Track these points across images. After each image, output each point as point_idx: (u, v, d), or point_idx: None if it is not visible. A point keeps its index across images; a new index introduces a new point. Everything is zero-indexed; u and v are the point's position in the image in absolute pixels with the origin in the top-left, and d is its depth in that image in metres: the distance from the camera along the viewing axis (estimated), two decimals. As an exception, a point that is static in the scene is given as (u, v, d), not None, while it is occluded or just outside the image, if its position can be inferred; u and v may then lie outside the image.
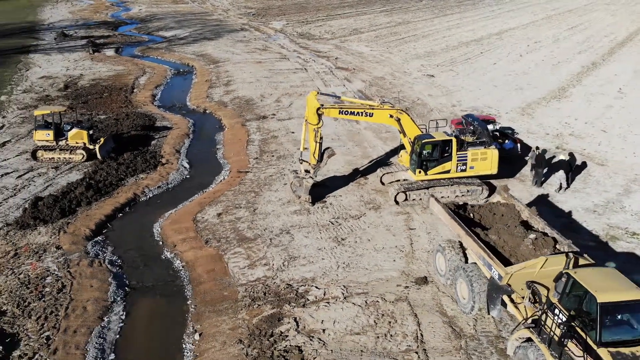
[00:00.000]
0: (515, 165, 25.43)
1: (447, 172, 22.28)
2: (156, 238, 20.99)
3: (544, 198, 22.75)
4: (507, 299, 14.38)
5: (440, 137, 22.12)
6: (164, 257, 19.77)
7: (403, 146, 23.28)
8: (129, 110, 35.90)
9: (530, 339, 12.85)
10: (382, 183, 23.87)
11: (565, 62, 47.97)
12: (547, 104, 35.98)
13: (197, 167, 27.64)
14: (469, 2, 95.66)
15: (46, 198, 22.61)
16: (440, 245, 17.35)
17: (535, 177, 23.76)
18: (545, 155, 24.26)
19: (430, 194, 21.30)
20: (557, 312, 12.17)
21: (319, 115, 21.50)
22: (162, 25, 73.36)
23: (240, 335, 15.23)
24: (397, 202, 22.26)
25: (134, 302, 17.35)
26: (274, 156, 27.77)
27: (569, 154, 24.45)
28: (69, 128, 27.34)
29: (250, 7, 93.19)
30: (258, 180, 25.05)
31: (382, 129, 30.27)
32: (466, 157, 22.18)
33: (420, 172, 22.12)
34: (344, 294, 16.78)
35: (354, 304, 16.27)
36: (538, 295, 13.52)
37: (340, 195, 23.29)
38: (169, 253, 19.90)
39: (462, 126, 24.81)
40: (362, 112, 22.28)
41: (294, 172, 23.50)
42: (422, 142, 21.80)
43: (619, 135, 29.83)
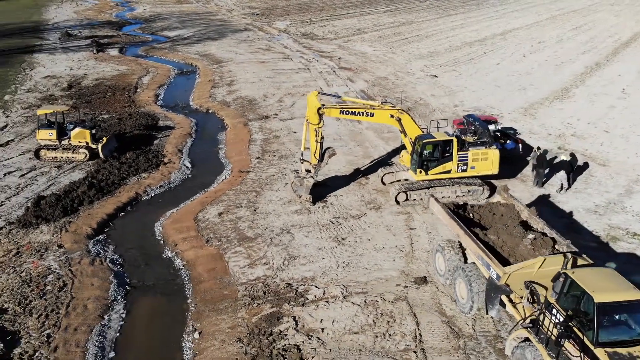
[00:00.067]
0: (516, 166, 25.40)
1: (448, 172, 22.28)
2: (157, 237, 21.09)
3: (545, 198, 22.72)
4: (505, 298, 14.38)
5: (441, 137, 22.12)
6: (164, 256, 19.86)
7: (404, 146, 23.30)
8: (132, 109, 36.04)
9: (528, 339, 12.86)
10: (383, 183, 23.89)
11: (568, 63, 47.84)
12: (549, 104, 35.90)
13: (199, 166, 27.73)
14: (474, 2, 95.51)
15: (48, 197, 22.74)
16: (439, 245, 17.37)
17: (537, 178, 23.73)
18: (547, 155, 24.25)
19: (430, 194, 21.31)
20: (555, 312, 12.17)
21: (320, 115, 21.54)
22: (166, 25, 73.59)
23: (239, 334, 15.29)
24: (397, 202, 22.27)
25: (135, 301, 17.44)
26: (275, 156, 27.83)
27: (571, 155, 24.40)
28: (72, 127, 27.48)
29: (254, 7, 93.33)
30: (259, 179, 25.12)
31: (384, 129, 30.28)
32: (467, 157, 22.18)
33: (421, 172, 22.13)
34: (343, 293, 16.82)
35: (353, 303, 16.30)
36: (536, 295, 13.52)
37: (341, 195, 23.33)
38: (170, 252, 19.99)
39: (464, 126, 24.80)
40: (363, 112, 22.29)
41: (295, 171, 23.56)
42: (423, 142, 21.81)
43: (622, 136, 29.75)
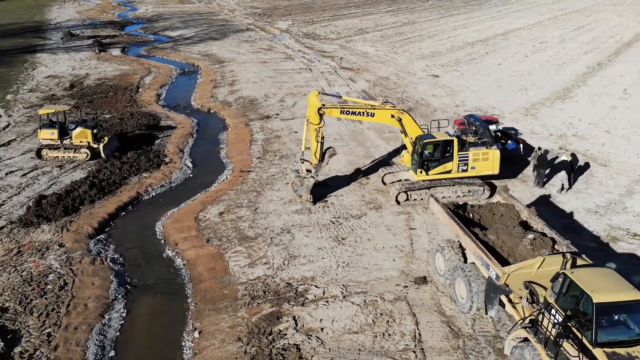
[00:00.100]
0: (517, 166, 25.39)
1: (449, 172, 22.29)
2: (158, 236, 21.13)
3: (545, 199, 22.71)
4: (505, 299, 14.39)
5: (442, 137, 22.12)
6: (165, 256, 19.90)
7: (405, 146, 23.30)
8: (134, 109, 36.11)
9: (527, 339, 12.87)
10: (384, 183, 23.90)
11: (570, 63, 47.78)
12: (551, 104, 35.87)
13: (200, 166, 27.78)
14: (476, 2, 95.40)
15: (50, 196, 22.81)
16: (439, 245, 17.38)
17: (537, 178, 23.72)
18: (548, 155, 24.24)
19: (430, 194, 21.32)
20: (554, 312, 12.18)
21: (321, 115, 21.56)
22: (168, 25, 73.67)
23: (239, 333, 15.33)
24: (398, 202, 22.28)
25: (135, 300, 17.49)
26: (276, 156, 27.86)
27: (571, 155, 24.39)
28: (74, 127, 27.53)
29: (256, 7, 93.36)
30: (260, 179, 25.15)
31: (385, 129, 30.29)
32: (467, 157, 22.18)
33: (421, 172, 22.14)
34: (343, 293, 16.84)
35: (352, 303, 16.33)
36: (535, 295, 13.54)
37: (341, 195, 23.35)
38: (171, 251, 20.04)
39: (465, 126, 24.80)
40: (364, 112, 22.30)
41: (296, 171, 23.58)
42: (424, 142, 21.82)
43: (623, 136, 29.71)
